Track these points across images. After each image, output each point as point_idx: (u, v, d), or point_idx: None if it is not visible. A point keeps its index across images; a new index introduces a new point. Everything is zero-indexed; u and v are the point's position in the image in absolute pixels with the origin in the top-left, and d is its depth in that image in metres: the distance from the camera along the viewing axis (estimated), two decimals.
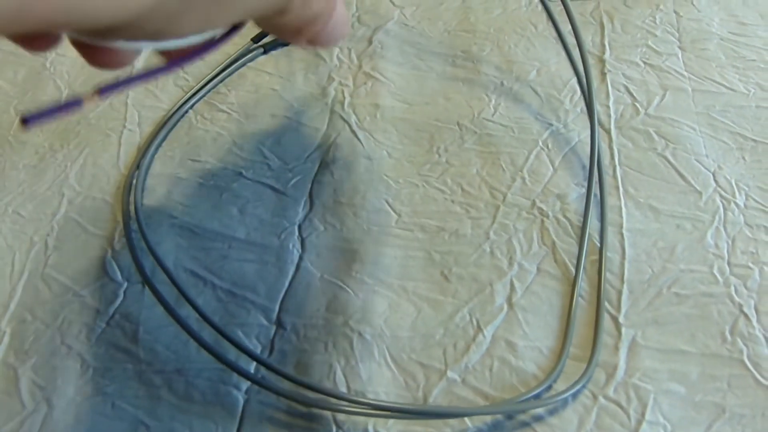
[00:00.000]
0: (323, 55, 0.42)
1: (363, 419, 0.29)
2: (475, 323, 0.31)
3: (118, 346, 0.31)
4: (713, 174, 0.36)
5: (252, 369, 0.30)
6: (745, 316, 0.31)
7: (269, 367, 0.29)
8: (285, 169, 0.37)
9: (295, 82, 0.41)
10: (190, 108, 0.39)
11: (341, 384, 0.30)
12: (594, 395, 0.29)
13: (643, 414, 0.29)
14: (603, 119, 0.38)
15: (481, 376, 0.30)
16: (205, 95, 0.40)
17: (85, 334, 0.31)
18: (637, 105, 0.39)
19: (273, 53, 0.42)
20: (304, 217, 0.35)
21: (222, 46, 0.24)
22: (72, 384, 0.30)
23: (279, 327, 0.31)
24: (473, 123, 0.39)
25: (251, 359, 0.30)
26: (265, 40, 0.42)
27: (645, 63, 0.41)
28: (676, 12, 0.44)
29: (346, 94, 0.40)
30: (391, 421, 0.28)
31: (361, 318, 0.31)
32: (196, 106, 0.40)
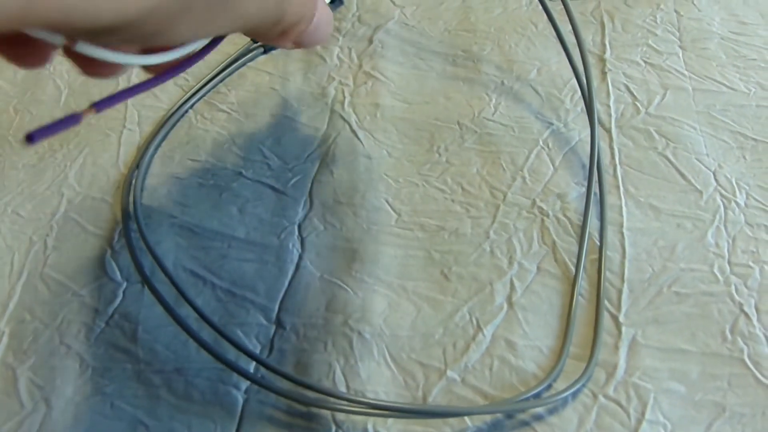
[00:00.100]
0: (323, 55, 0.42)
1: (362, 418, 0.28)
2: (475, 322, 0.31)
3: (117, 345, 0.31)
4: (714, 173, 0.36)
5: (251, 369, 0.30)
6: (746, 315, 0.31)
7: (268, 367, 0.29)
8: (285, 169, 0.37)
9: (295, 81, 0.41)
10: (190, 108, 0.39)
11: (341, 383, 0.30)
12: (594, 394, 0.29)
13: (643, 413, 0.28)
14: (603, 118, 0.38)
15: (481, 375, 0.30)
16: (205, 95, 0.40)
17: (84, 333, 0.31)
18: (638, 104, 0.39)
19: (273, 53, 0.42)
20: (303, 217, 0.35)
21: (201, 59, 0.24)
22: (71, 384, 0.30)
23: (278, 326, 0.31)
24: (473, 122, 0.39)
25: (251, 359, 0.30)
26: None
27: (645, 62, 0.41)
28: (676, 11, 0.44)
29: (346, 93, 0.40)
30: (391, 421, 0.28)
31: (361, 317, 0.31)
32: (195, 105, 0.40)
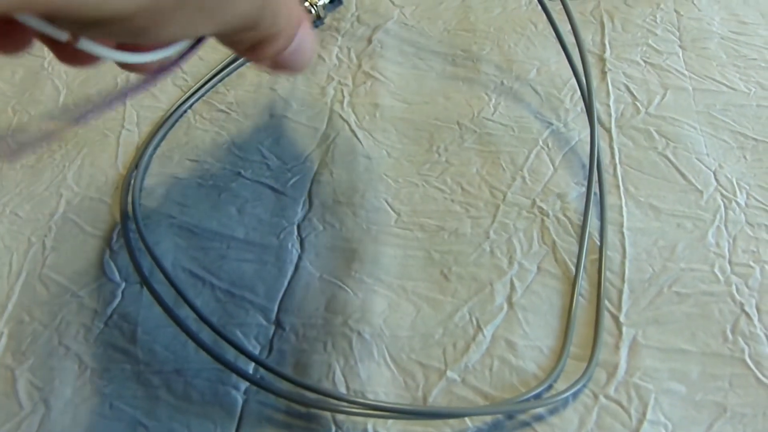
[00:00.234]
0: (322, 55, 0.42)
1: (362, 419, 0.28)
2: (475, 323, 0.31)
3: (116, 346, 0.31)
4: (714, 173, 0.36)
5: (251, 369, 0.30)
6: (746, 314, 0.31)
7: (268, 368, 0.29)
8: (284, 169, 0.37)
9: (295, 81, 0.41)
10: (188, 108, 0.39)
11: (340, 384, 0.29)
12: (595, 395, 0.29)
13: (644, 413, 0.28)
14: (603, 118, 0.38)
15: (481, 375, 0.30)
16: (204, 95, 0.40)
17: (83, 334, 0.31)
18: (638, 104, 0.39)
19: None
20: (303, 217, 0.35)
21: (183, 62, 0.24)
22: (70, 385, 0.29)
23: (278, 327, 0.31)
24: (473, 122, 0.38)
25: (250, 360, 0.30)
26: None
27: (645, 62, 0.41)
28: (676, 11, 0.44)
29: (345, 93, 0.40)
30: (391, 421, 0.28)
31: (361, 317, 0.31)
32: (194, 105, 0.39)
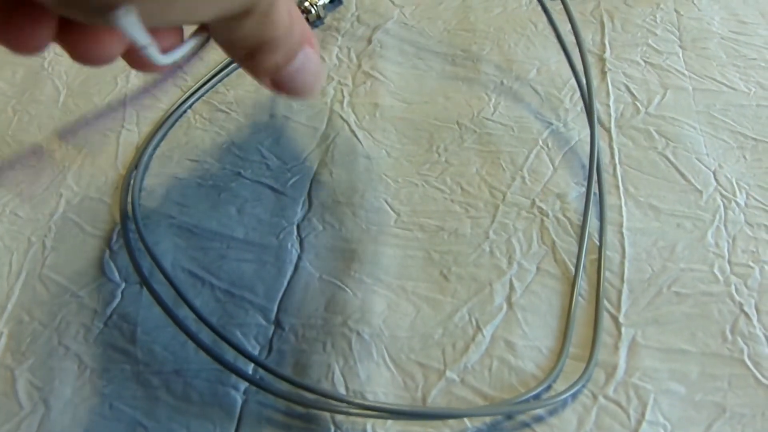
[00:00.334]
0: (322, 55, 0.42)
1: (361, 420, 0.28)
2: (475, 323, 0.31)
3: (115, 346, 0.31)
4: (714, 173, 0.36)
5: (250, 370, 0.30)
6: (746, 315, 0.31)
7: (267, 369, 0.29)
8: (284, 169, 0.37)
9: None
10: (188, 107, 0.39)
11: (340, 384, 0.29)
12: (594, 395, 0.29)
13: (643, 414, 0.28)
14: (603, 118, 0.38)
15: (480, 376, 0.30)
16: (204, 95, 0.40)
17: (83, 334, 0.31)
18: (638, 104, 0.39)
19: None
20: (302, 217, 0.35)
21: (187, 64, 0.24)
22: (69, 385, 0.29)
23: (277, 327, 0.31)
24: (473, 122, 0.38)
25: (249, 361, 0.30)
26: None
27: (645, 62, 0.41)
28: (676, 11, 0.44)
29: (345, 93, 0.40)
30: (390, 422, 0.28)
31: (360, 318, 0.31)
32: (194, 105, 0.39)
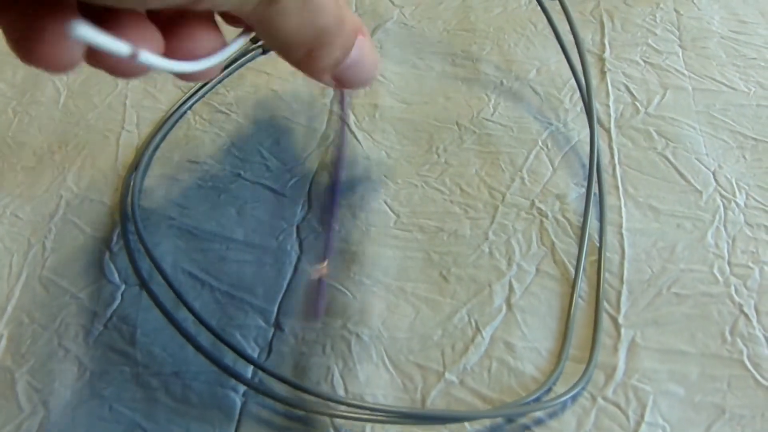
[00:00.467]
0: None
1: (360, 423, 0.28)
2: (474, 324, 0.31)
3: (115, 348, 0.31)
4: (713, 173, 0.36)
5: (250, 371, 0.30)
6: (746, 316, 0.31)
7: (266, 372, 0.29)
8: (283, 170, 0.37)
9: (294, 82, 0.41)
10: (188, 109, 0.39)
11: (339, 386, 0.30)
12: (593, 396, 0.29)
13: (642, 415, 0.28)
14: (603, 118, 0.38)
15: (480, 377, 0.30)
16: (204, 96, 0.40)
17: (83, 336, 0.31)
18: (637, 104, 0.39)
19: (272, 53, 0.42)
20: (302, 218, 0.35)
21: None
22: (69, 387, 0.30)
23: (277, 329, 0.31)
24: (472, 123, 0.38)
25: (248, 363, 0.30)
26: None
27: (645, 62, 0.41)
28: (676, 10, 0.44)
29: (345, 94, 0.40)
30: (389, 425, 0.28)
31: (359, 320, 0.31)
32: (194, 106, 0.39)
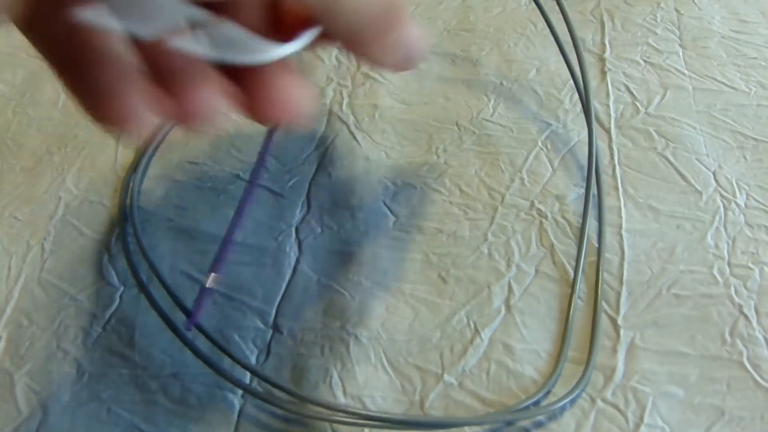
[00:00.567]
0: (321, 56, 0.42)
1: (359, 429, 0.28)
2: (473, 326, 0.31)
3: (113, 350, 0.31)
4: (714, 173, 0.36)
5: (248, 375, 0.30)
6: (745, 317, 0.31)
7: (264, 379, 0.29)
8: (282, 171, 0.37)
9: None
10: None
11: (337, 388, 0.29)
12: (592, 398, 0.29)
13: (642, 417, 0.28)
14: (603, 118, 0.38)
15: (478, 379, 0.30)
16: None
17: (81, 338, 0.31)
18: (638, 104, 0.39)
19: None
20: (301, 219, 0.35)
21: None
22: (68, 389, 0.30)
23: (275, 330, 0.31)
24: (472, 123, 0.38)
25: (246, 370, 0.30)
26: None
27: (645, 61, 0.41)
28: (677, 10, 0.44)
29: (344, 94, 0.40)
30: (388, 430, 0.28)
31: (358, 321, 0.31)
32: None
